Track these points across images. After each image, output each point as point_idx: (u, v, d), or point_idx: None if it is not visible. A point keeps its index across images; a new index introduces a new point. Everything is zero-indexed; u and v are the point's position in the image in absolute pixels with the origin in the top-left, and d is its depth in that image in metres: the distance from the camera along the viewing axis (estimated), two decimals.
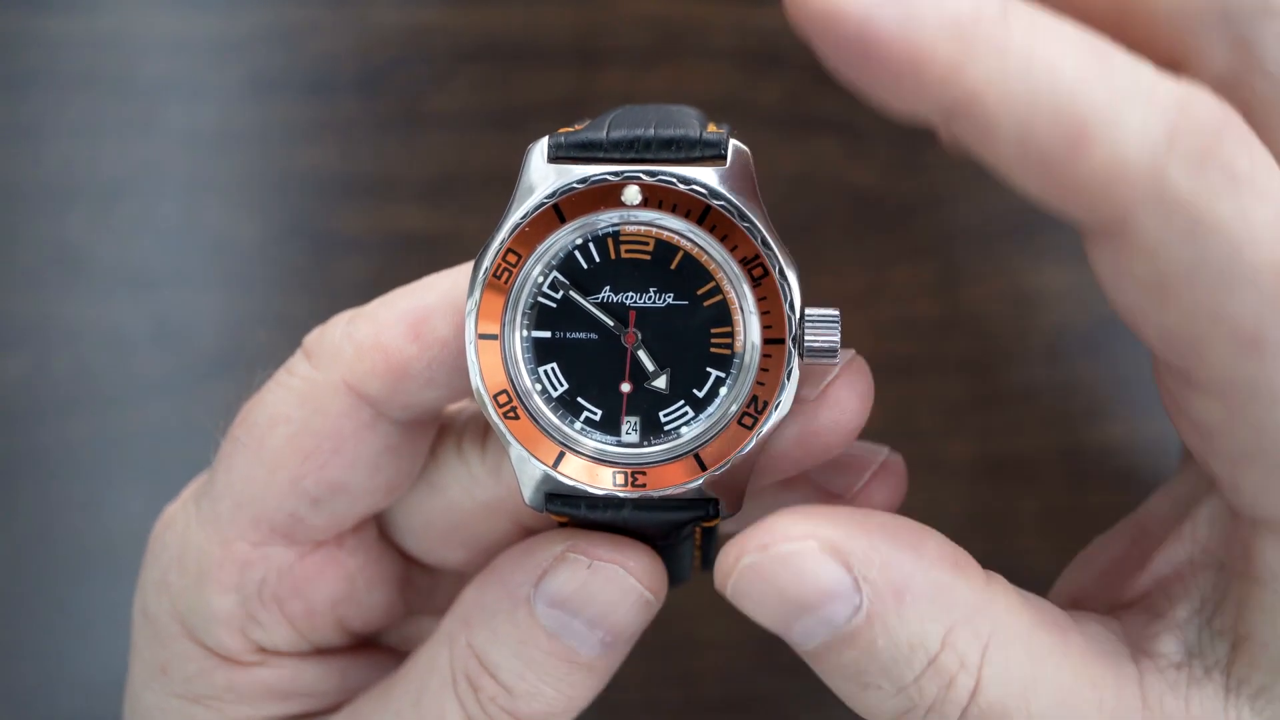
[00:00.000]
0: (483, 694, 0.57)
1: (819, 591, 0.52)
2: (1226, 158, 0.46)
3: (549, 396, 0.56)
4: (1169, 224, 0.46)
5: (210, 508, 0.60)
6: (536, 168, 0.54)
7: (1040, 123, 0.46)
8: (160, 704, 0.62)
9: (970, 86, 0.45)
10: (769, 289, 0.53)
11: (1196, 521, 0.56)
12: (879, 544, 0.52)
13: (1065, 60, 0.46)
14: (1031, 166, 0.47)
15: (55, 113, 0.87)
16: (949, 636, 0.52)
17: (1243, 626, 0.53)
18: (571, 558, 0.56)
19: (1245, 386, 0.48)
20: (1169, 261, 0.47)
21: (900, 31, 0.45)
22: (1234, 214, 0.46)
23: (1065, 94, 0.46)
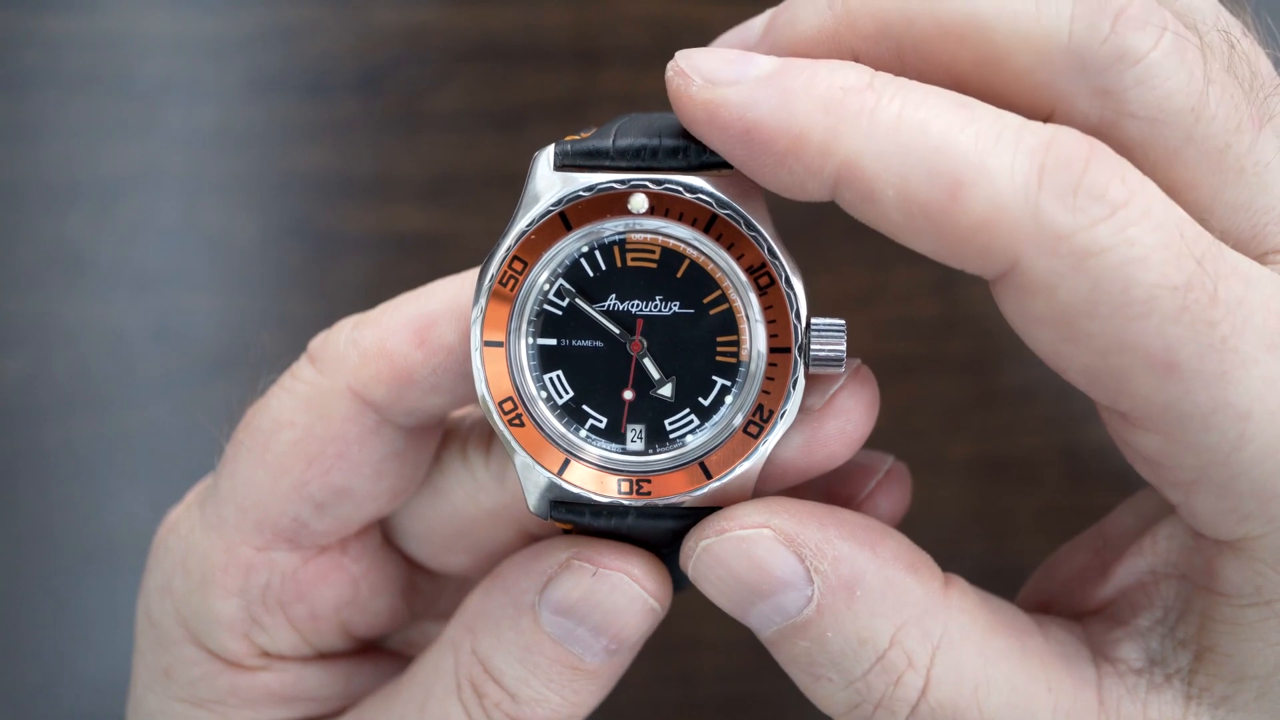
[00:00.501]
0: (487, 700, 0.57)
1: (772, 579, 0.53)
2: (1099, 186, 0.47)
3: (554, 404, 0.56)
4: (1055, 258, 0.47)
5: (214, 512, 0.60)
6: (543, 175, 0.54)
7: (916, 179, 0.48)
8: (163, 708, 0.62)
9: (846, 155, 0.49)
10: (775, 298, 0.53)
11: (1157, 536, 0.57)
12: (834, 538, 0.53)
13: (931, 118, 0.48)
14: (917, 223, 0.49)
15: (55, 113, 0.87)
16: (898, 635, 0.53)
17: (1206, 638, 0.54)
18: (576, 565, 0.56)
19: (1173, 413, 0.49)
20: (1066, 296, 0.48)
21: (777, 114, 0.49)
22: (1116, 239, 0.47)
23: (934, 148, 0.48)
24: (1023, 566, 0.67)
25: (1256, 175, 0.51)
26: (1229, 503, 0.50)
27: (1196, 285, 0.47)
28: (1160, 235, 0.47)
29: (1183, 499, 0.52)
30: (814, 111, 0.49)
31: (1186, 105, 0.50)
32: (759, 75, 0.50)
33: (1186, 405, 0.48)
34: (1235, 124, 0.51)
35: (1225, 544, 0.53)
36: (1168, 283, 0.47)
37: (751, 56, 0.51)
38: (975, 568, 0.85)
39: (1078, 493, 0.87)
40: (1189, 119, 0.50)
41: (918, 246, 0.50)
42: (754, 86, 0.50)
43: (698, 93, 0.51)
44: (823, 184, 0.50)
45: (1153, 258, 0.47)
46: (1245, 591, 0.52)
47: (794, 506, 0.54)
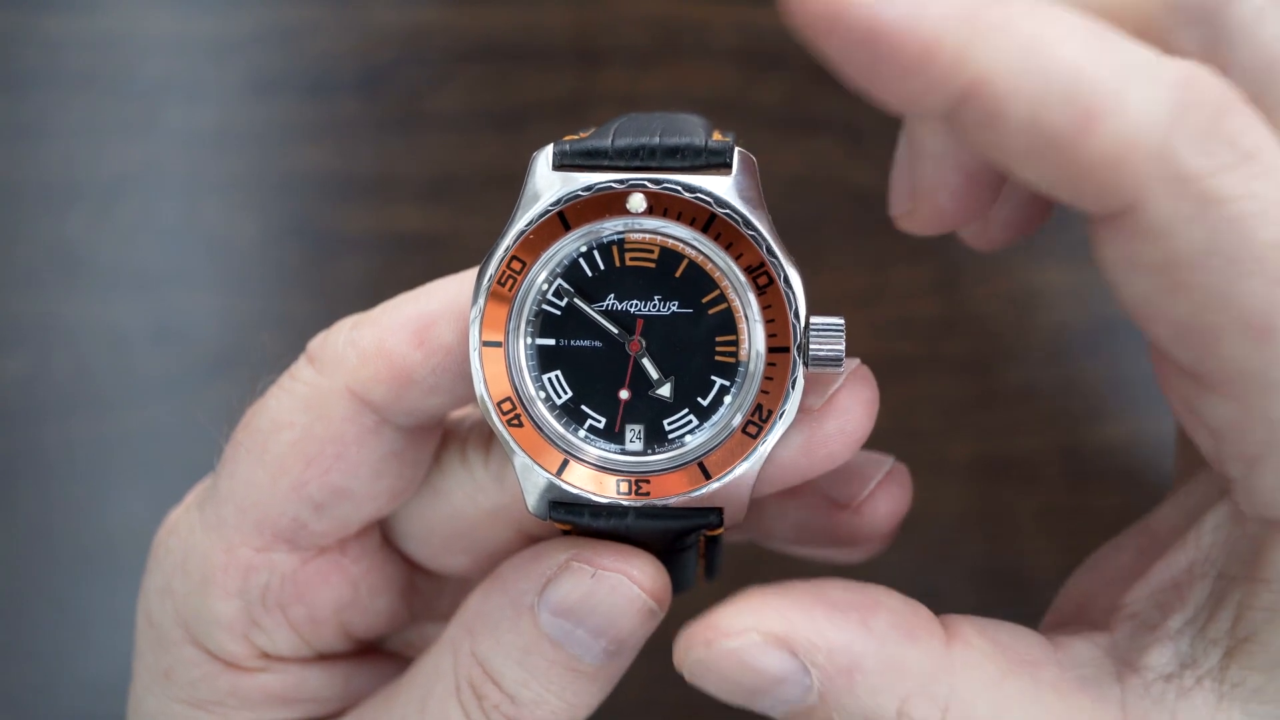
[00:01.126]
0: (486, 702, 0.57)
1: (768, 679, 0.53)
2: (1233, 133, 0.46)
3: (553, 404, 0.56)
4: (1179, 202, 0.46)
5: (213, 513, 0.59)
6: (541, 175, 0.54)
7: (1049, 103, 0.46)
8: (163, 709, 0.62)
9: (979, 71, 0.46)
10: (774, 297, 0.53)
11: (1202, 530, 0.56)
12: (824, 628, 0.53)
13: (1069, 42, 0.46)
14: (1041, 151, 0.47)
15: (55, 113, 0.87)
16: (904, 706, 0.53)
17: (1242, 629, 0.53)
18: (575, 566, 0.55)
19: (1257, 380, 0.48)
20: (1180, 243, 0.46)
21: (907, 22, 0.45)
22: (1242, 190, 0.46)
23: (1071, 74, 0.46)
24: (1023, 567, 0.67)
25: None
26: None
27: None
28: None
29: (1243, 474, 0.51)
30: (950, 19, 0.46)
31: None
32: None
33: (1273, 373, 0.47)
34: None
35: (1276, 526, 0.52)
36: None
37: None
38: (975, 568, 0.86)
39: (1078, 493, 0.87)
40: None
41: (1034, 176, 0.48)
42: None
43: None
44: (946, 99, 0.47)
45: (1272, 215, 0.46)
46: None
47: (778, 600, 0.54)
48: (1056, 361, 0.87)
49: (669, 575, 0.57)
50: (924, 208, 0.59)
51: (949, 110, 0.47)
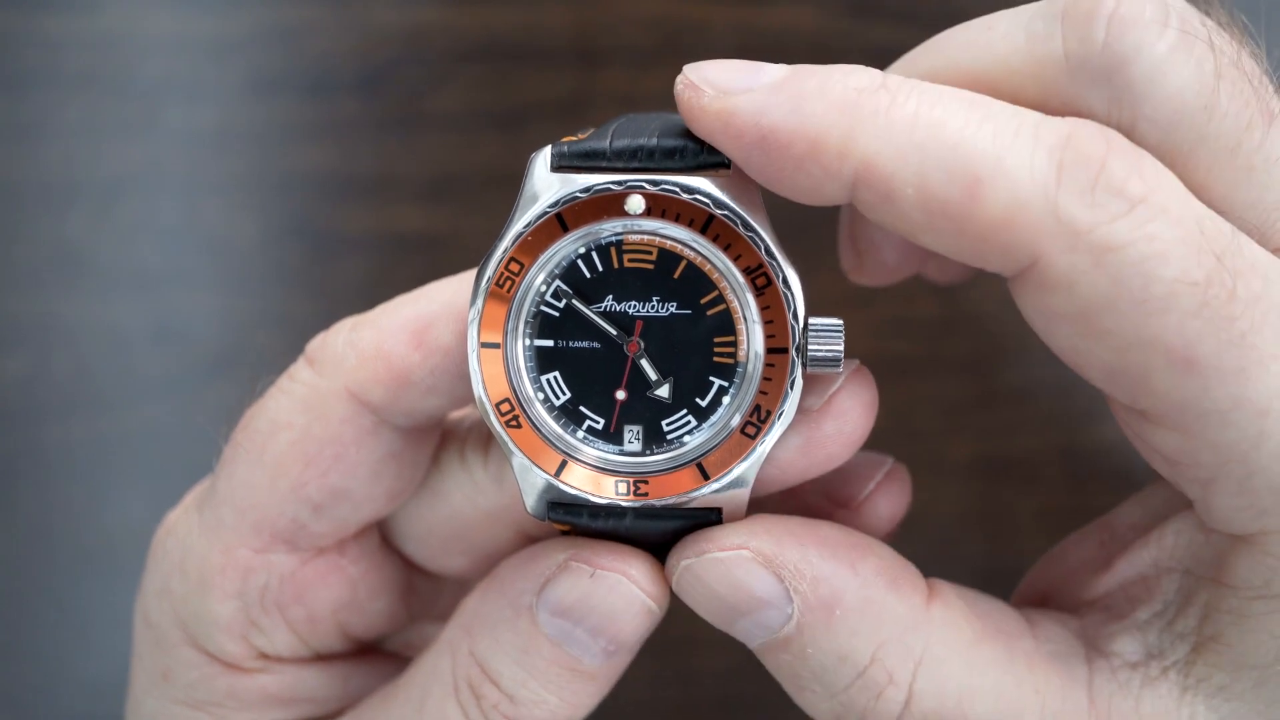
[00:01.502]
0: (485, 701, 0.57)
1: (751, 598, 0.54)
2: (1117, 181, 0.48)
3: (551, 405, 0.56)
4: (1075, 254, 0.48)
5: (212, 514, 0.60)
6: (540, 176, 0.54)
7: (934, 177, 0.48)
8: (162, 710, 0.62)
9: (864, 155, 0.49)
10: (772, 298, 0.53)
11: (1165, 531, 0.57)
12: (813, 557, 0.54)
13: (948, 116, 0.49)
14: (936, 222, 0.49)
15: (55, 113, 0.87)
16: (878, 652, 0.54)
17: (1208, 629, 0.54)
18: (574, 566, 0.56)
19: (1193, 410, 0.49)
20: (1086, 292, 0.48)
21: (791, 120, 0.49)
22: (1135, 235, 0.47)
23: (951, 146, 0.48)
24: (1022, 567, 0.67)
25: (1266, 172, 0.51)
26: (1246, 499, 0.51)
27: (1216, 281, 0.48)
28: (1179, 230, 0.48)
29: (1200, 495, 0.53)
30: (829, 113, 0.49)
31: (1199, 103, 0.50)
32: (771, 82, 0.51)
33: (1205, 402, 0.49)
34: (1246, 121, 0.51)
35: (1239, 538, 0.53)
36: (1187, 278, 0.47)
37: (760, 65, 0.51)
38: (975, 568, 0.86)
39: (1078, 493, 0.87)
40: (1201, 117, 0.50)
41: (937, 246, 0.50)
42: (766, 93, 0.50)
43: (710, 103, 0.51)
44: (841, 186, 0.50)
45: (1172, 253, 0.47)
46: (1255, 584, 0.53)
47: (774, 525, 0.55)
48: (1056, 361, 0.86)
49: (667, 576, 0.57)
50: (868, 263, 0.64)
51: (848, 196, 0.50)
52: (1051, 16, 0.52)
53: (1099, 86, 0.51)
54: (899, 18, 0.86)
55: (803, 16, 0.87)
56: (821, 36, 0.87)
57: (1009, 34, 0.53)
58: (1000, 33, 0.53)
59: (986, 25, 0.54)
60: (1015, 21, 0.53)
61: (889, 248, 0.64)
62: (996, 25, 0.54)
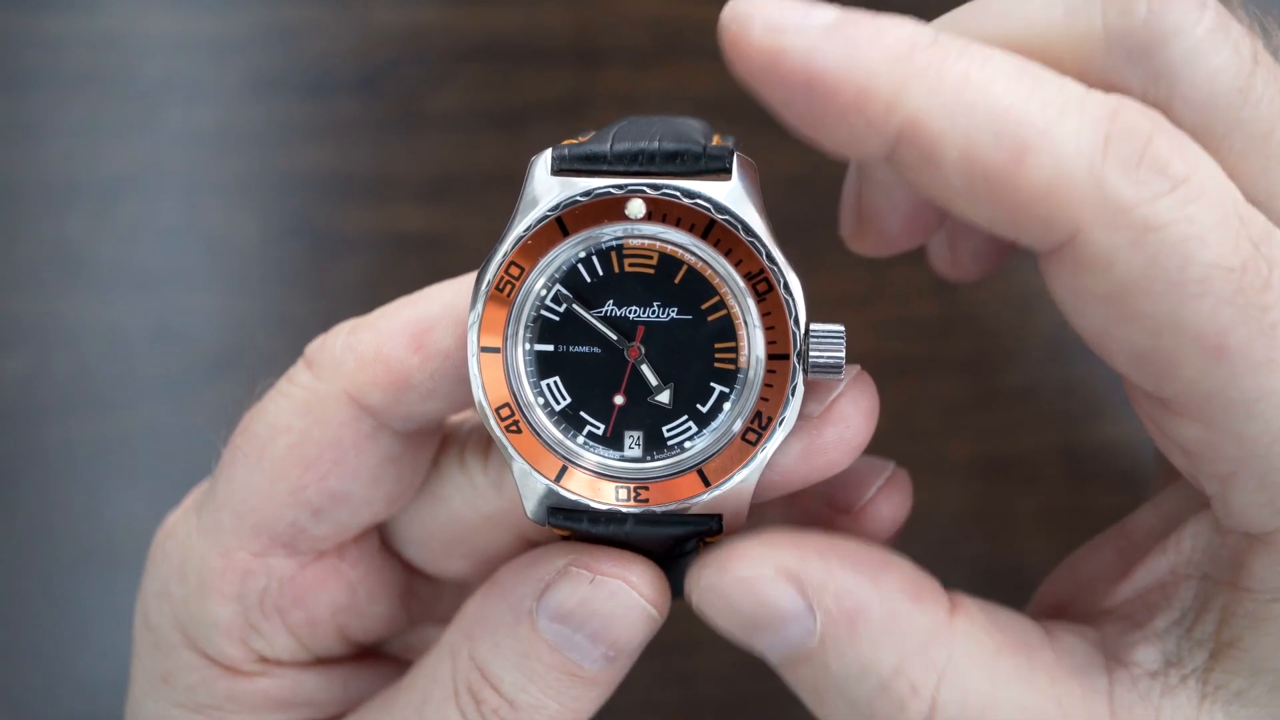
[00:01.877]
0: (485, 706, 0.57)
1: (774, 613, 0.54)
2: (1163, 160, 0.47)
3: (551, 410, 0.56)
4: (1116, 231, 0.47)
5: (211, 517, 0.59)
6: (540, 180, 0.54)
7: (981, 141, 0.47)
8: (162, 713, 0.62)
9: (912, 112, 0.47)
10: (773, 304, 0.53)
11: (1182, 535, 0.57)
12: (836, 571, 0.54)
13: (998, 81, 0.48)
14: (978, 187, 0.48)
15: (55, 113, 0.87)
16: (901, 665, 0.54)
17: (1226, 634, 0.54)
18: (574, 572, 0.55)
19: (1219, 400, 0.49)
20: (1123, 271, 0.47)
21: (842, 66, 0.48)
22: (1177, 215, 0.47)
23: (1001, 111, 0.47)
24: (1023, 567, 0.67)
25: None
26: (1266, 495, 0.51)
27: (1251, 269, 0.47)
28: (1218, 214, 0.47)
29: (1219, 490, 0.52)
30: (882, 64, 0.48)
31: (1235, 85, 0.50)
32: (824, 23, 0.48)
33: (1232, 392, 0.48)
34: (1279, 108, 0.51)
35: (1256, 539, 0.53)
36: (1224, 263, 0.47)
37: (813, 4, 0.49)
38: (975, 568, 0.86)
39: (1078, 493, 0.87)
40: (1237, 100, 0.50)
41: (974, 213, 0.49)
42: (819, 34, 0.48)
43: (760, 38, 0.48)
44: (883, 141, 0.49)
45: (1210, 237, 0.47)
46: (1272, 586, 0.52)
47: (796, 539, 0.55)
48: (1056, 361, 0.87)
49: (668, 581, 0.57)
50: (870, 231, 0.63)
51: (887, 153, 0.49)
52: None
53: (1137, 64, 0.50)
54: None
55: None
56: None
57: (1048, 4, 0.52)
58: (1039, 3, 0.52)
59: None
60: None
61: (893, 216, 0.62)
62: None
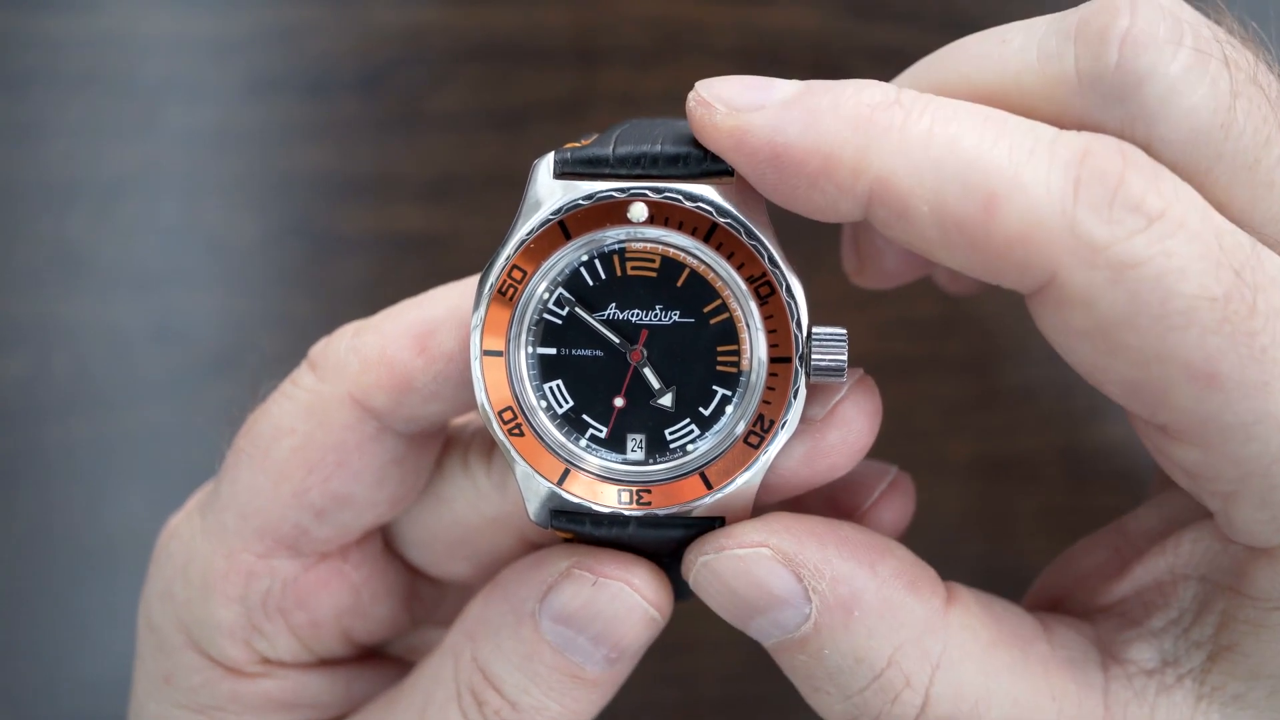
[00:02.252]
0: (487, 708, 0.57)
1: (769, 596, 0.54)
2: (1134, 197, 0.47)
3: (554, 413, 0.56)
4: (1093, 271, 0.47)
5: (215, 519, 0.60)
6: (542, 183, 0.54)
7: (950, 193, 0.48)
8: (164, 714, 0.62)
9: (879, 173, 0.48)
10: (776, 307, 0.53)
11: (1182, 539, 0.57)
12: (833, 557, 0.54)
13: (963, 132, 0.48)
14: (952, 239, 0.49)
15: (55, 113, 0.87)
16: (895, 655, 0.54)
17: (1225, 638, 0.54)
18: (576, 574, 0.56)
19: (1215, 425, 0.49)
20: (1104, 309, 0.48)
21: (805, 138, 0.49)
22: (1153, 251, 0.47)
23: (967, 162, 0.48)
24: (1023, 567, 0.67)
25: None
26: (1268, 513, 0.51)
27: (1236, 296, 0.47)
28: (1198, 246, 0.47)
29: (1220, 508, 0.52)
30: (843, 130, 0.49)
31: (1214, 121, 0.50)
32: (784, 98, 0.50)
33: (1228, 416, 0.48)
34: (1264, 137, 0.51)
35: (1259, 550, 0.53)
36: (1206, 294, 0.47)
37: (773, 81, 0.51)
38: (975, 568, 0.86)
39: (1078, 493, 0.87)
40: (1218, 135, 0.50)
41: (953, 263, 0.50)
42: (780, 110, 0.50)
43: (723, 121, 0.51)
44: (856, 203, 0.49)
45: (1191, 269, 0.47)
46: (1274, 596, 0.53)
47: (794, 524, 0.54)
48: (1056, 361, 0.87)
49: (671, 584, 0.57)
50: (871, 268, 0.64)
51: (862, 214, 0.50)
52: (1064, 34, 0.51)
53: (1112, 107, 0.50)
54: (900, 18, 0.86)
55: (803, 16, 0.87)
56: (822, 37, 0.87)
57: (1022, 50, 0.52)
58: (1013, 48, 0.53)
59: (999, 39, 0.54)
60: (1028, 37, 0.52)
61: (891, 255, 0.64)
62: (1009, 40, 0.53)
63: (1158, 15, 0.50)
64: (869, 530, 0.56)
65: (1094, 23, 0.51)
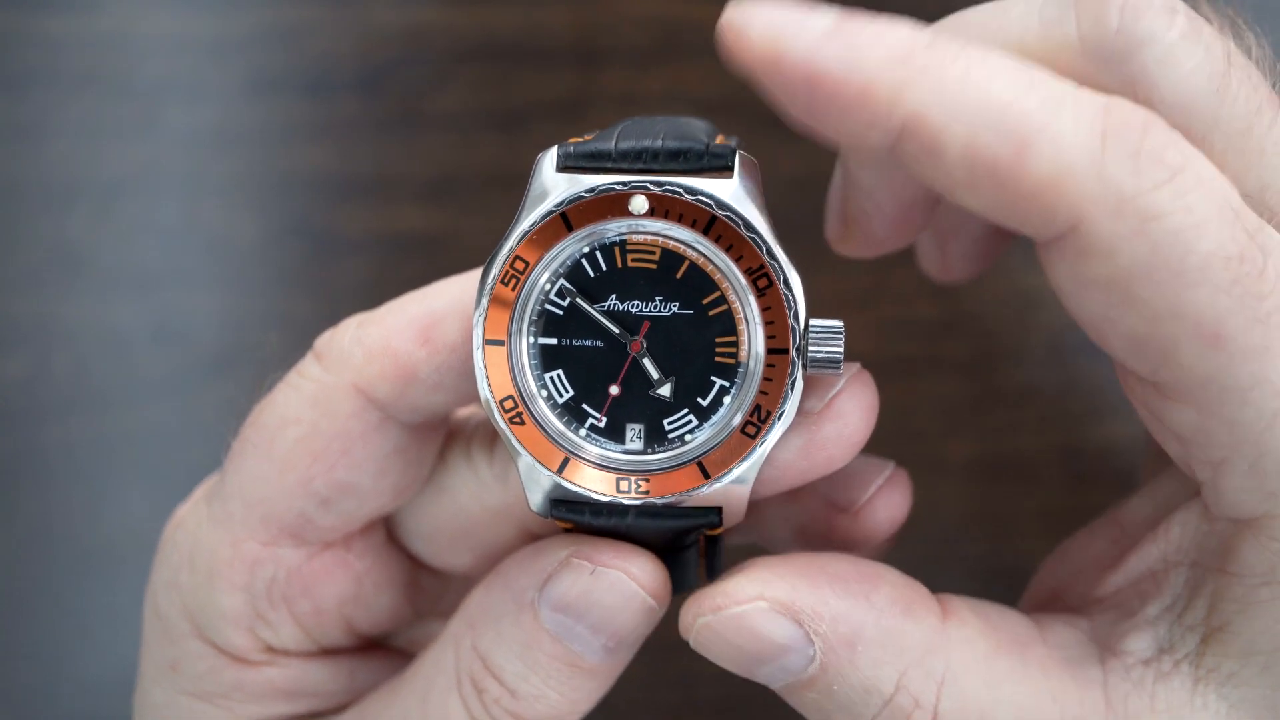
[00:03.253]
0: (487, 696, 0.57)
1: (773, 646, 0.55)
2: (1159, 150, 0.48)
3: (554, 403, 0.56)
4: (1117, 220, 0.48)
5: (221, 507, 0.60)
6: (546, 176, 0.54)
7: (983, 135, 0.48)
8: (169, 701, 0.62)
9: (914, 108, 0.48)
10: (774, 299, 0.54)
11: (1171, 524, 0.58)
12: (828, 597, 0.54)
13: (997, 78, 0.49)
14: (981, 179, 0.49)
15: (55, 113, 0.87)
16: (902, 679, 0.54)
17: (1216, 619, 0.55)
18: (575, 563, 0.56)
19: (1214, 386, 0.49)
20: (1125, 260, 0.48)
21: (844, 66, 0.49)
22: (1176, 205, 0.47)
23: (1001, 107, 0.48)
24: (1023, 567, 0.67)
25: (1276, 155, 0.52)
26: (1256, 480, 0.51)
27: (1248, 258, 0.48)
28: (1215, 204, 0.48)
29: (1209, 476, 0.53)
30: (883, 64, 0.49)
31: (1210, 86, 0.51)
32: (824, 26, 0.49)
33: (1227, 378, 0.49)
34: (1256, 105, 0.52)
35: (1244, 524, 0.53)
36: (1222, 252, 0.48)
37: (811, 7, 0.50)
38: (975, 568, 0.86)
39: (1078, 493, 0.87)
40: (1214, 100, 0.51)
41: (977, 204, 0.50)
42: (819, 36, 0.49)
43: (759, 42, 0.49)
44: (885, 135, 0.49)
45: (1209, 225, 0.48)
46: (1260, 571, 0.53)
47: (785, 569, 0.55)
48: (1056, 361, 0.87)
49: (670, 574, 0.57)
50: (856, 233, 0.64)
51: (890, 145, 0.50)
52: (1064, 1, 0.52)
53: (1113, 71, 0.51)
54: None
55: None
56: None
57: (1023, 17, 0.53)
58: (1014, 16, 0.54)
59: (1000, 8, 0.55)
60: (1028, 4, 0.53)
61: (878, 218, 0.64)
62: (1010, 8, 0.54)
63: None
64: (857, 559, 0.57)
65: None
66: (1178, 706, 0.54)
